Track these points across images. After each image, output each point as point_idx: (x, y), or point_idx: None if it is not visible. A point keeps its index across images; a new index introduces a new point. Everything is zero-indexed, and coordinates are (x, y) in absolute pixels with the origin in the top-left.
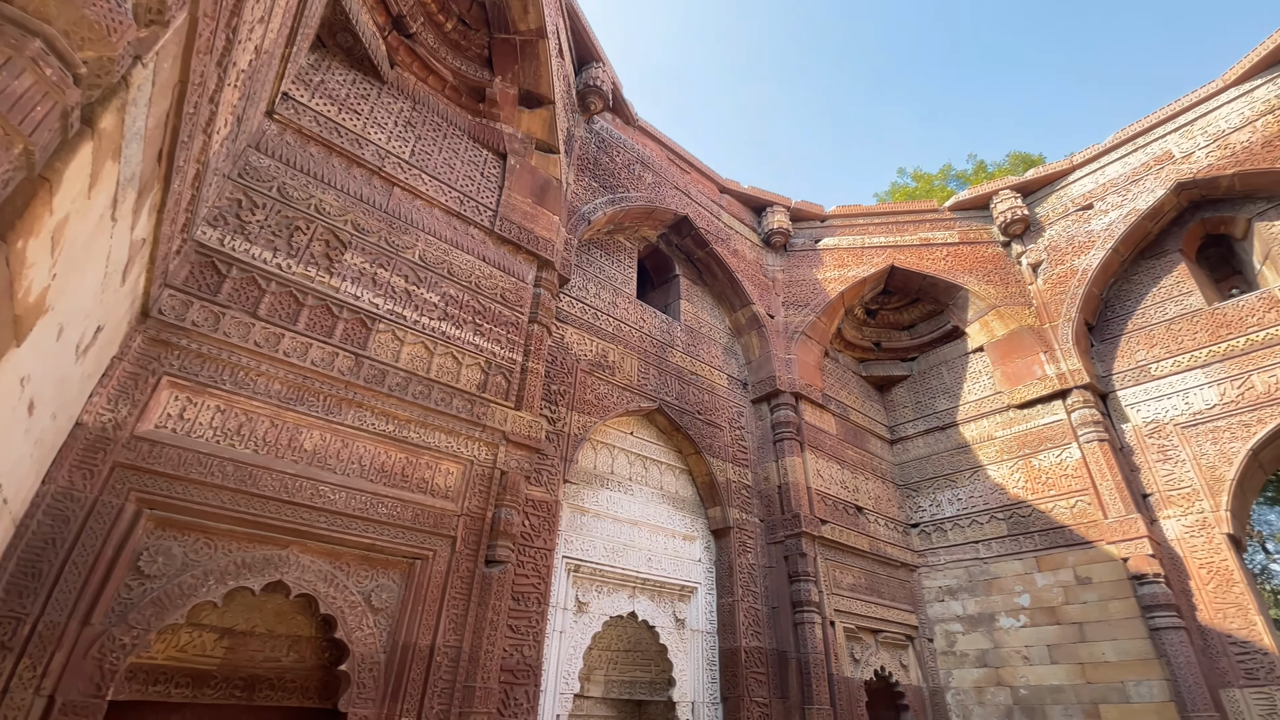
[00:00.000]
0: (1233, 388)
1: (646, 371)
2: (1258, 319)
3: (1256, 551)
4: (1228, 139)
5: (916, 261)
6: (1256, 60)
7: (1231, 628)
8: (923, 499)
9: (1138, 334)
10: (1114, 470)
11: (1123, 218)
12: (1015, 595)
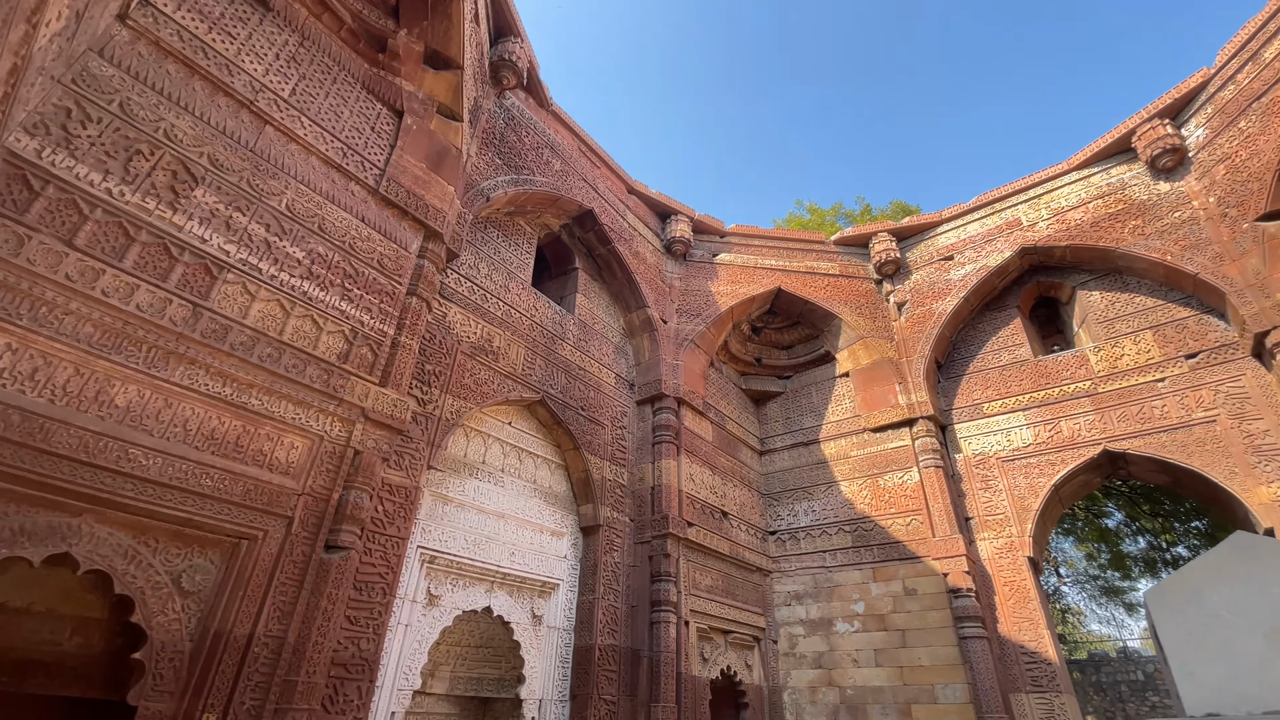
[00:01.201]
0: (1045, 430)
1: (533, 361)
2: (1070, 373)
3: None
4: (1065, 215)
5: (801, 287)
6: (1096, 151)
7: (1024, 639)
8: (782, 508)
9: (977, 376)
10: (944, 494)
11: (975, 271)
12: (852, 602)
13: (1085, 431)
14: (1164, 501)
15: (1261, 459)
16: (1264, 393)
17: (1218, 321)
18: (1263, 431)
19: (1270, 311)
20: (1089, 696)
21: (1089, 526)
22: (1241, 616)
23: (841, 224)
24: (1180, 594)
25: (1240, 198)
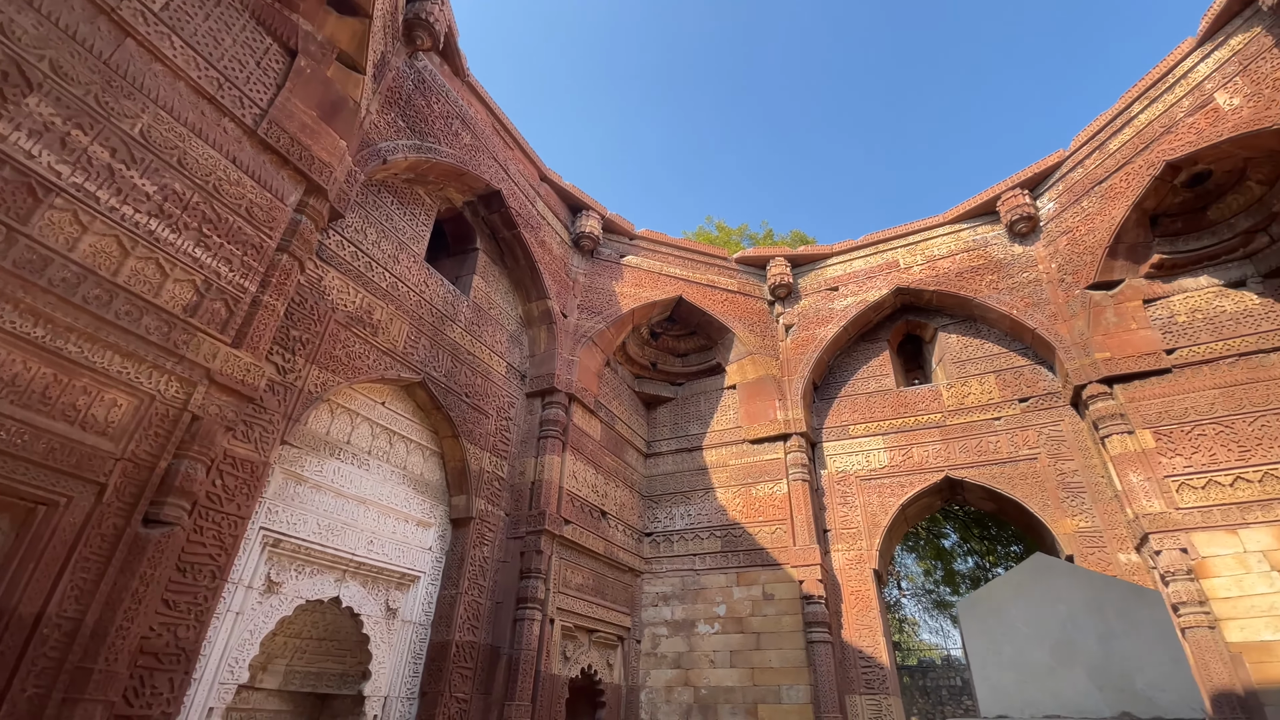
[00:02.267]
0: (899, 455)
1: (417, 340)
2: (925, 405)
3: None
4: (936, 263)
5: (701, 299)
6: (967, 209)
7: (863, 645)
8: (660, 511)
9: (847, 400)
10: (807, 507)
11: (856, 304)
12: (715, 605)
13: (932, 459)
14: (990, 527)
15: (1069, 495)
16: (1077, 438)
17: (1047, 372)
18: (1072, 471)
19: (1088, 368)
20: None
21: (928, 545)
22: (1033, 629)
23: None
24: (986, 607)
25: (1076, 267)
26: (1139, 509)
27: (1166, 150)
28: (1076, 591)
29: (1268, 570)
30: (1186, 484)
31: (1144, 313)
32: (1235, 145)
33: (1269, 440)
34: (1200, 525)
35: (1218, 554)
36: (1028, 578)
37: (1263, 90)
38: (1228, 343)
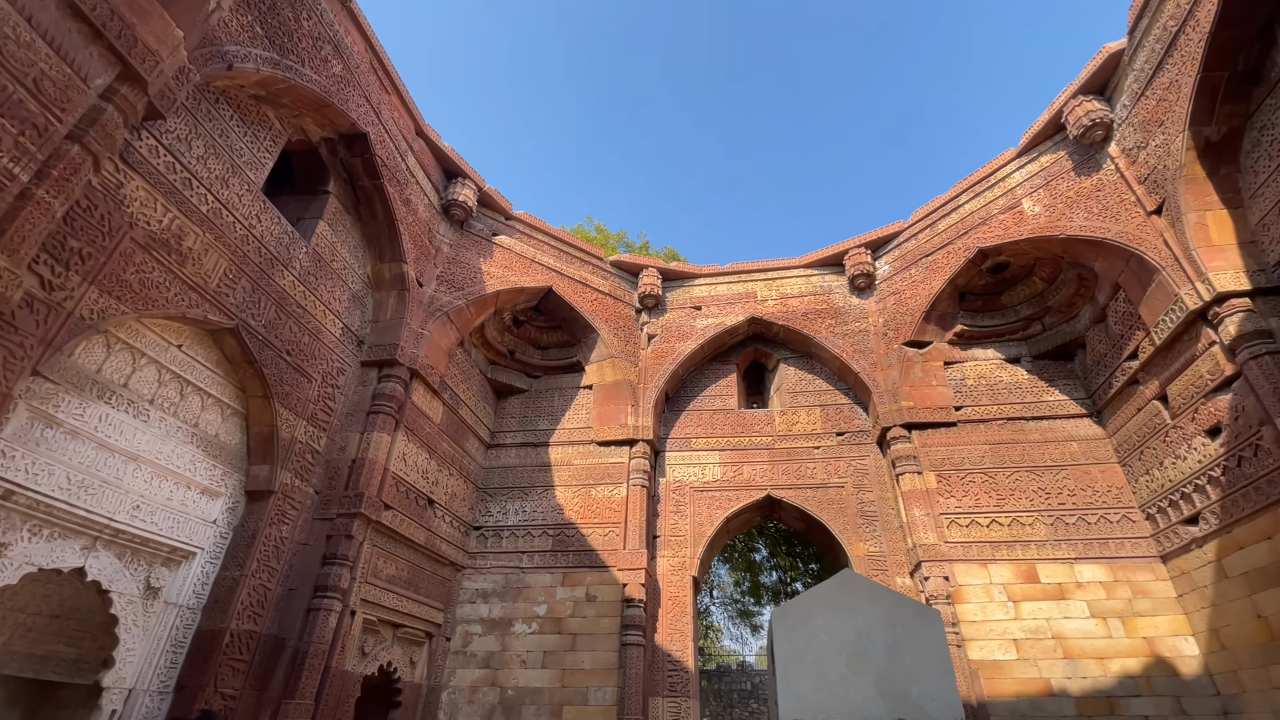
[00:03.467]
0: (731, 470)
1: (236, 280)
2: (759, 428)
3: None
4: (788, 300)
5: (571, 294)
6: (819, 258)
7: (673, 649)
8: (494, 505)
9: (694, 414)
10: (642, 512)
11: (715, 325)
12: (537, 604)
13: (759, 477)
14: (796, 545)
15: (865, 521)
16: (878, 472)
17: (862, 412)
18: (870, 501)
19: (894, 413)
20: (709, 702)
21: (741, 557)
22: (834, 639)
23: (621, 250)
24: (796, 616)
25: (898, 324)
26: (917, 539)
27: (980, 238)
28: (874, 607)
29: (1005, 600)
30: (955, 521)
31: (944, 372)
32: (1030, 245)
33: (1019, 492)
34: (961, 558)
35: (971, 584)
36: (835, 591)
37: (1058, 204)
38: (1000, 407)
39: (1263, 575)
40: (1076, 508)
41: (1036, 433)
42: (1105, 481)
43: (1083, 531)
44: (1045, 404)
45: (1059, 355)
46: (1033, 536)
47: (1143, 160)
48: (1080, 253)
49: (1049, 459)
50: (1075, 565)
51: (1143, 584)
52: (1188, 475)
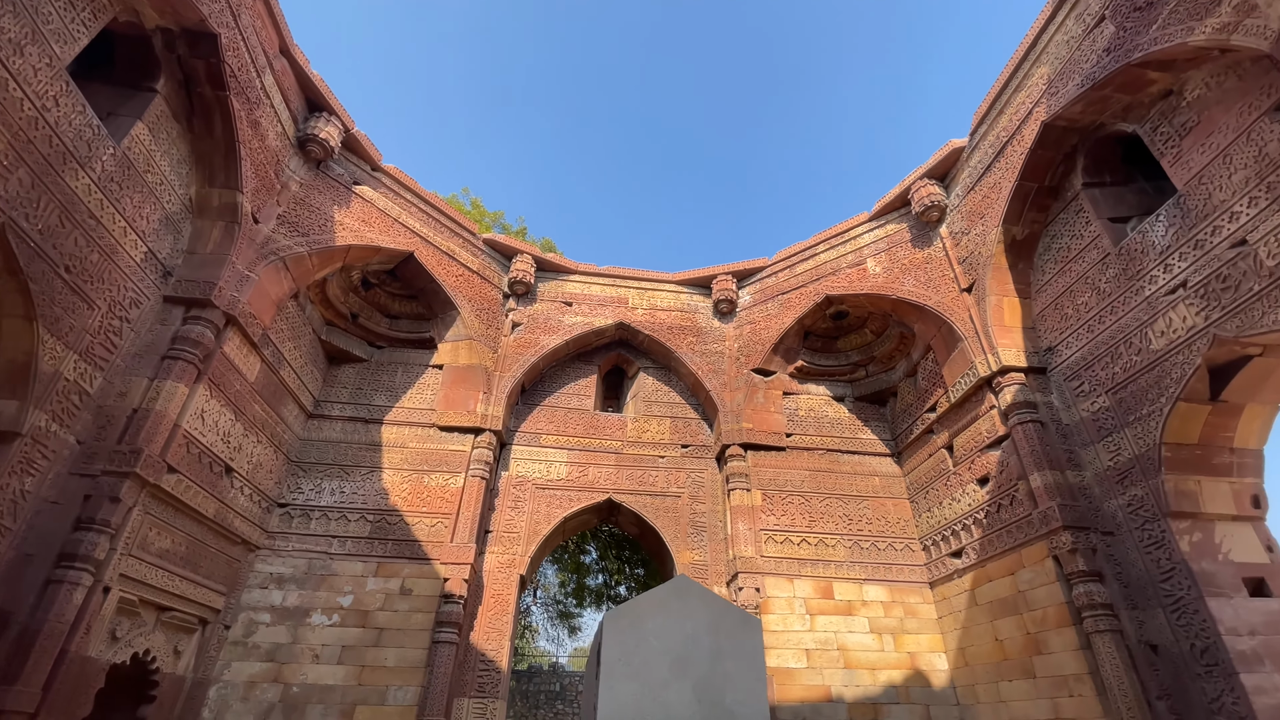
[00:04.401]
0: (577, 470)
1: (13, 169)
2: (611, 432)
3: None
4: (657, 312)
5: (435, 264)
6: (690, 277)
7: (489, 648)
8: (308, 481)
9: (548, 409)
10: (477, 505)
11: (583, 324)
12: (342, 595)
13: (603, 480)
14: (626, 550)
15: (695, 531)
16: (713, 486)
17: (707, 428)
18: (702, 512)
19: (735, 432)
20: (515, 702)
21: (572, 559)
22: (662, 643)
23: (497, 230)
24: (629, 618)
25: (750, 352)
26: (737, 551)
27: (829, 286)
28: (703, 613)
29: (804, 613)
30: (772, 538)
31: (782, 401)
32: (868, 300)
33: (828, 516)
34: (772, 571)
35: (778, 596)
36: (669, 595)
37: (895, 268)
38: (823, 438)
39: (1003, 605)
40: (871, 534)
41: (848, 465)
42: (896, 514)
43: (873, 556)
44: (859, 440)
45: (875, 400)
46: (833, 557)
47: (964, 244)
48: (905, 313)
49: (855, 489)
50: (864, 585)
51: (914, 605)
52: (959, 516)
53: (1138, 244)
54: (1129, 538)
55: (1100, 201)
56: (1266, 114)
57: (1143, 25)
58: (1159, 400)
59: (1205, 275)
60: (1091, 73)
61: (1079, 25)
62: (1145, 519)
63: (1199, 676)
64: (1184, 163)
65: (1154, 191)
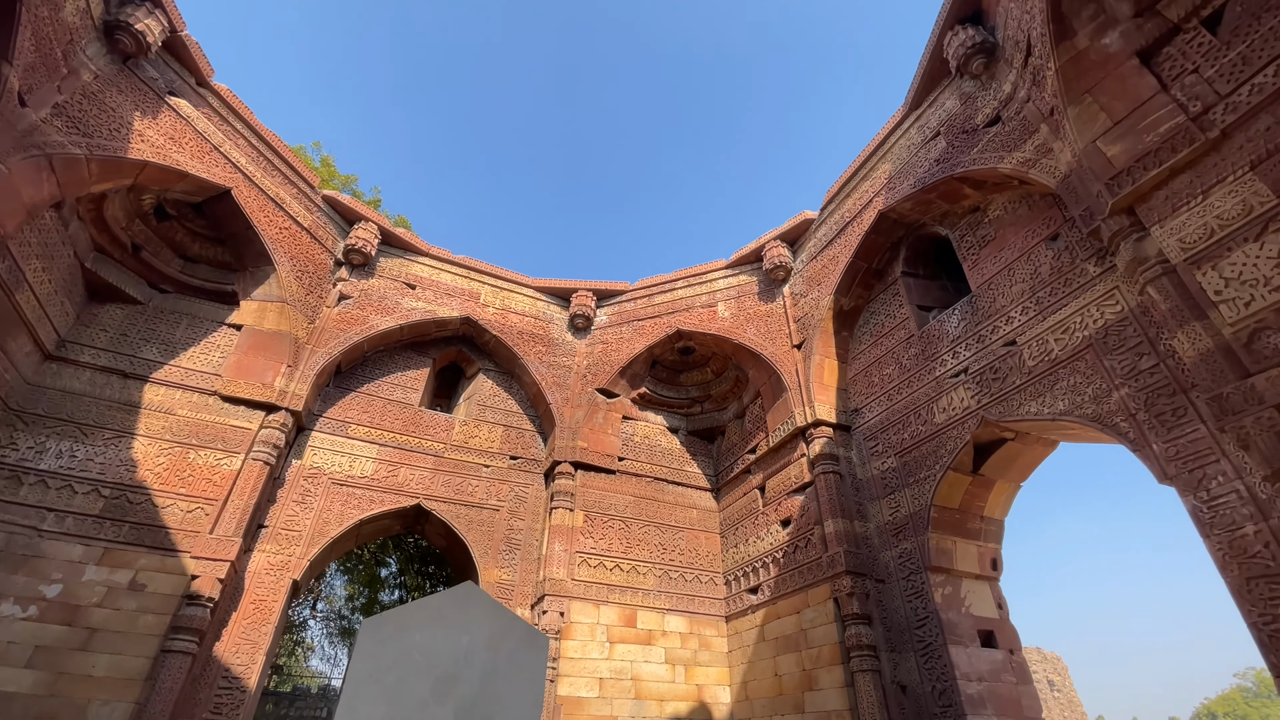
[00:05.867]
0: (386, 469)
1: None
2: (435, 432)
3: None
4: (510, 314)
5: (257, 209)
6: (551, 286)
7: (236, 662)
8: (28, 437)
9: (364, 397)
10: (254, 493)
11: (425, 311)
12: (48, 583)
13: (416, 484)
14: (431, 565)
15: (508, 549)
16: (536, 503)
17: (541, 443)
18: (520, 529)
19: (570, 449)
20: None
21: (366, 570)
22: (428, 659)
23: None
24: (392, 627)
25: (598, 371)
26: (549, 573)
27: (682, 321)
28: (484, 626)
29: (605, 641)
30: (587, 561)
31: (620, 424)
32: (714, 340)
33: (645, 543)
34: (581, 596)
35: (581, 622)
36: (448, 603)
37: (741, 316)
38: (653, 466)
39: (786, 642)
40: (681, 565)
41: (672, 495)
42: (707, 547)
43: (680, 587)
44: (685, 473)
45: (705, 435)
46: (643, 585)
47: (801, 305)
48: (743, 359)
49: (674, 520)
50: (666, 615)
51: (709, 638)
52: (761, 554)
53: (936, 331)
54: (896, 586)
55: (913, 289)
56: (1044, 241)
57: (967, 147)
58: (935, 467)
59: (982, 366)
60: (923, 177)
61: (920, 135)
62: (911, 570)
63: (935, 716)
64: (979, 269)
65: (954, 289)
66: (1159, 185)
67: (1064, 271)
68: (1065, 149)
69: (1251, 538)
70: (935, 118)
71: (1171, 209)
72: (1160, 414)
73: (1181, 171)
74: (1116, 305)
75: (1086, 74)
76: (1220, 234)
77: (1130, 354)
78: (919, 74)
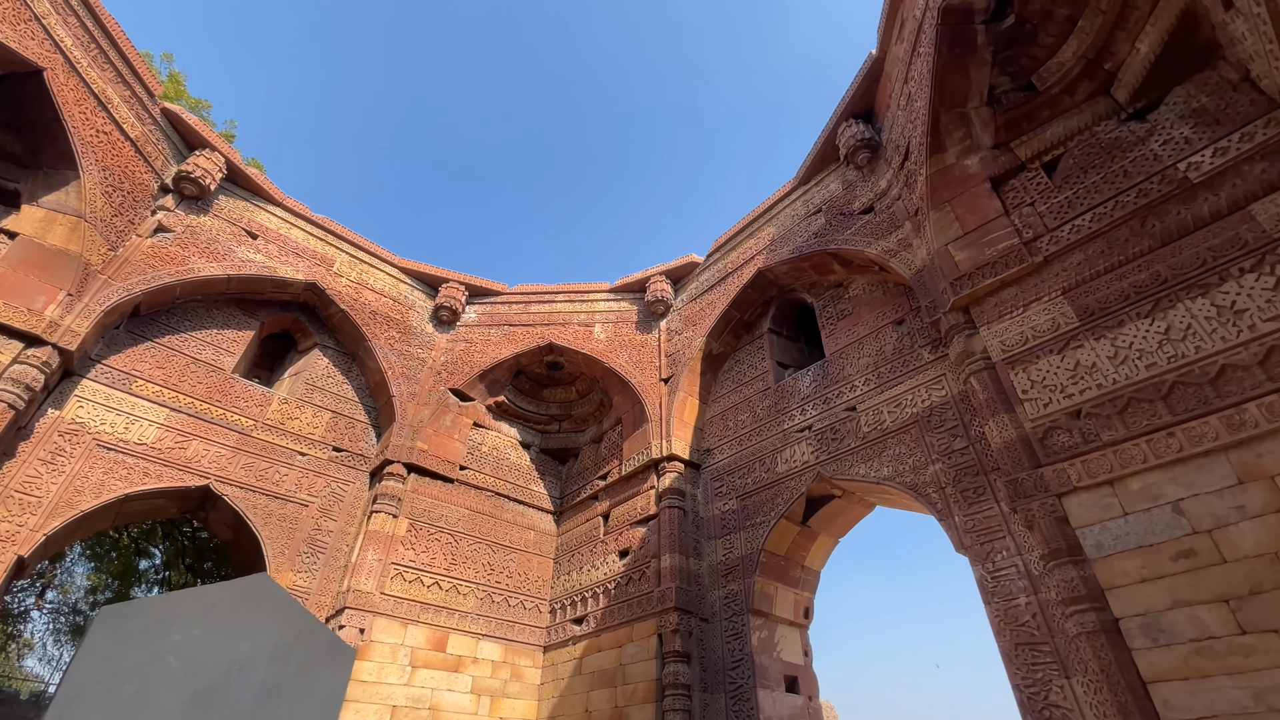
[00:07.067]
0: (174, 439)
1: None
2: (246, 405)
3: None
4: (366, 291)
5: (71, 97)
6: (418, 269)
7: None
8: None
9: (163, 349)
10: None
11: (266, 266)
12: None
13: (209, 461)
14: (210, 562)
15: (311, 551)
16: (355, 503)
17: (374, 437)
18: (330, 530)
19: (406, 450)
20: None
21: (122, 558)
22: (190, 667)
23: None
24: (144, 622)
25: (456, 370)
26: (355, 583)
27: (556, 335)
28: (275, 630)
29: (407, 664)
30: (403, 575)
31: (469, 431)
32: (585, 360)
33: (473, 561)
34: (389, 613)
35: (384, 641)
36: (233, 598)
37: (616, 342)
38: (497, 481)
39: (604, 676)
40: (507, 589)
41: (511, 514)
42: (538, 572)
43: (502, 611)
44: (530, 491)
45: (557, 456)
46: (462, 606)
47: (675, 342)
48: (611, 384)
49: (509, 540)
50: (481, 641)
51: (523, 668)
52: (593, 583)
53: (790, 387)
54: (719, 626)
55: (776, 346)
56: (892, 323)
57: (843, 227)
58: (770, 514)
59: (825, 425)
60: (801, 246)
61: (804, 208)
62: (735, 611)
63: None
64: (835, 338)
65: (810, 353)
66: (991, 293)
67: (904, 353)
68: (922, 246)
69: (1023, 608)
70: (820, 195)
71: (998, 314)
72: (965, 490)
73: (1010, 285)
74: (942, 390)
75: (949, 186)
76: (1033, 343)
77: (948, 434)
78: (812, 154)
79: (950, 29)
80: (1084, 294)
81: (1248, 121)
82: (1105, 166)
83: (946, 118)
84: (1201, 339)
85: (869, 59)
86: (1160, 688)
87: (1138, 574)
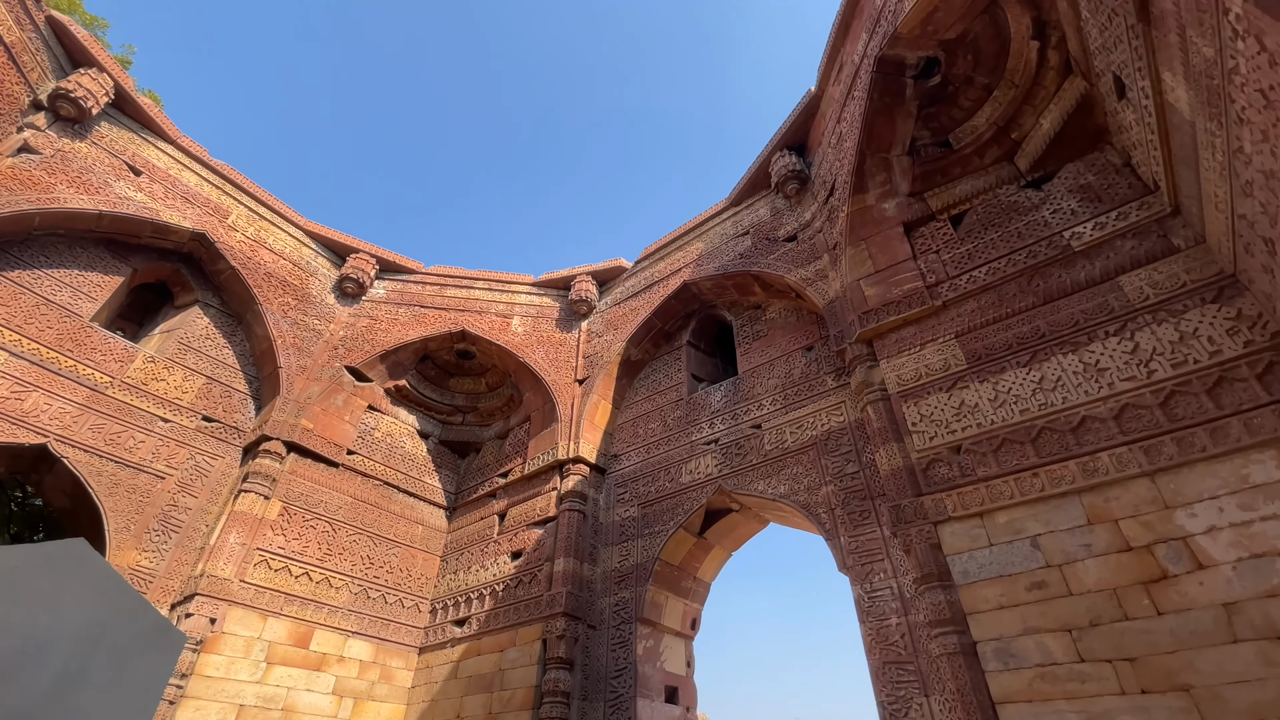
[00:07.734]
0: (9, 388)
1: None
2: (102, 360)
3: None
4: (263, 250)
5: None
6: (326, 234)
7: None
8: None
9: (9, 286)
10: None
11: (148, 208)
12: None
13: (49, 418)
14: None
15: (162, 529)
16: (221, 480)
17: (254, 410)
18: (187, 507)
19: (287, 427)
20: None
21: None
22: None
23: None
24: None
25: (354, 346)
26: (209, 568)
27: (470, 322)
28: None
29: (261, 660)
30: (268, 562)
31: (361, 414)
32: (499, 352)
33: (350, 553)
34: (247, 602)
35: (237, 634)
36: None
37: (534, 337)
38: (386, 469)
39: (481, 682)
40: (386, 585)
41: (400, 505)
42: (423, 570)
43: (377, 609)
44: (423, 484)
45: (458, 449)
46: (332, 600)
47: (595, 344)
48: (524, 380)
49: (394, 533)
50: (350, 639)
51: (394, 669)
52: (480, 584)
53: (702, 400)
54: (606, 634)
55: (692, 359)
56: (800, 349)
57: (767, 252)
58: (669, 523)
59: (730, 440)
60: (726, 265)
61: (734, 228)
62: (623, 619)
63: None
64: (749, 358)
65: (724, 369)
66: (894, 329)
67: (810, 378)
68: (837, 279)
69: (894, 628)
70: (749, 219)
71: (898, 350)
72: (852, 512)
73: (911, 324)
74: (841, 416)
75: (867, 225)
76: (925, 379)
77: (842, 457)
78: (746, 178)
79: (884, 78)
80: (974, 339)
81: (1125, 202)
82: (1003, 226)
83: (871, 161)
84: (1068, 391)
85: (807, 95)
86: (1007, 708)
87: (997, 601)
